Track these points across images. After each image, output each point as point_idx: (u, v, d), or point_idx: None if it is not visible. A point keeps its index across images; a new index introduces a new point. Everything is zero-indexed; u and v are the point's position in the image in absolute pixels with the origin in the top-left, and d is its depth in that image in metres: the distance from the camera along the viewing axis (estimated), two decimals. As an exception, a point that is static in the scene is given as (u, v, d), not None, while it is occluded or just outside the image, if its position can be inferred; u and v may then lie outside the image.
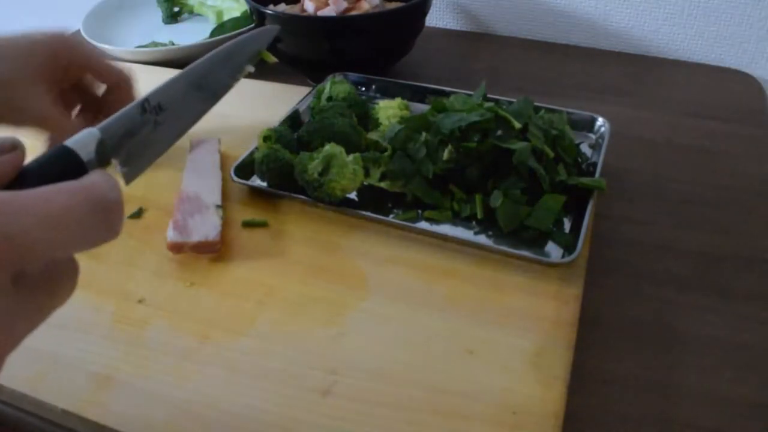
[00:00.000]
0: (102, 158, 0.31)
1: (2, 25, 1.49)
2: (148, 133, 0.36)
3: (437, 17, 0.94)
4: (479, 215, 0.51)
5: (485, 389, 0.40)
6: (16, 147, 0.27)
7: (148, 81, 0.75)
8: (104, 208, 0.25)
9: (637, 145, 0.65)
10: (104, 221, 0.25)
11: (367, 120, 0.62)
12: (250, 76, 0.81)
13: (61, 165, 0.29)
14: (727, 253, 0.52)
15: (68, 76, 0.53)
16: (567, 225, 0.52)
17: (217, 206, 0.53)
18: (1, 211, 0.22)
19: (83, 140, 0.30)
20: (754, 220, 0.55)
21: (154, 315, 0.46)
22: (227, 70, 0.44)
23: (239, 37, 0.46)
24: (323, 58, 0.71)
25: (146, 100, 0.36)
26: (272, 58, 0.50)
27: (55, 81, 0.52)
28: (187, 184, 0.55)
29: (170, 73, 0.76)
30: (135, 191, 0.58)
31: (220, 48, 0.44)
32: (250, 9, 0.72)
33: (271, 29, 0.50)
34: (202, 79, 0.42)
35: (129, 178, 0.35)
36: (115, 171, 0.32)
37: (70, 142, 0.29)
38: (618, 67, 0.81)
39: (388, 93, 0.69)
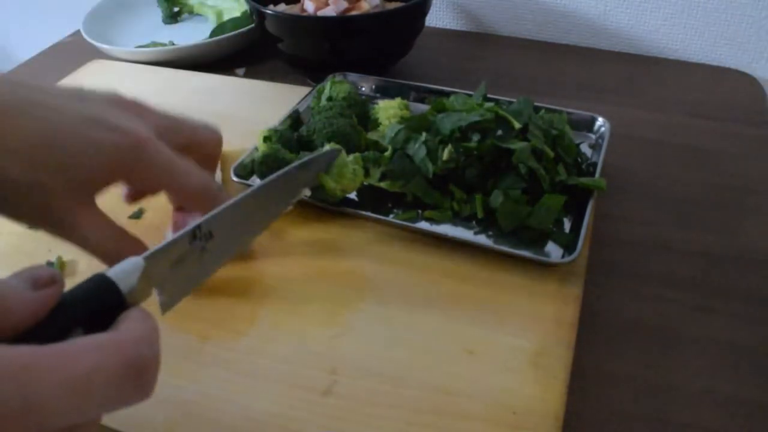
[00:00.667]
0: (144, 289, 0.29)
1: (2, 25, 1.49)
2: (194, 261, 0.33)
3: (437, 17, 0.94)
4: (479, 215, 0.51)
5: (485, 389, 0.40)
6: (54, 281, 0.25)
7: (148, 81, 0.76)
8: (137, 366, 0.22)
9: (637, 145, 0.65)
10: (136, 382, 0.22)
11: (367, 120, 0.62)
12: (249, 76, 0.82)
13: (100, 296, 0.27)
14: (727, 253, 0.52)
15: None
16: (567, 225, 0.52)
17: None
18: (21, 374, 0.19)
19: (126, 270, 0.28)
20: (754, 220, 0.55)
21: (154, 315, 0.46)
22: (285, 196, 0.42)
23: (302, 160, 0.44)
24: (323, 58, 0.71)
25: (198, 226, 0.33)
26: (330, 184, 0.48)
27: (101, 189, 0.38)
28: None
29: (170, 73, 0.76)
30: (135, 191, 0.58)
31: (282, 171, 0.40)
32: (250, 9, 0.72)
33: (333, 152, 0.47)
34: (259, 206, 0.39)
35: (166, 308, 0.32)
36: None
37: (111, 272, 0.27)
38: (618, 67, 0.81)
39: (388, 93, 0.69)
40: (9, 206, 0.35)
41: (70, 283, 0.27)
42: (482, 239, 0.51)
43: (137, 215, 0.55)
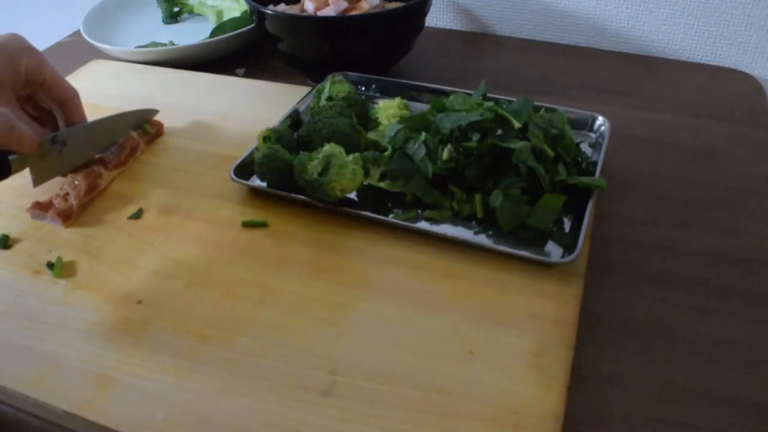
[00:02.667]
0: (21, 164, 0.51)
1: (2, 25, 1.49)
2: (53, 158, 0.54)
3: (437, 17, 0.94)
4: (479, 215, 0.51)
5: (485, 389, 0.40)
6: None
7: (148, 81, 0.76)
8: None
9: (637, 145, 0.65)
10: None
11: (367, 120, 0.62)
12: (249, 76, 0.82)
13: None
14: (727, 253, 0.52)
15: (25, 86, 0.54)
16: (567, 225, 0.52)
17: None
18: None
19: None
20: (754, 220, 0.55)
21: (154, 315, 0.46)
22: (111, 135, 0.61)
23: (128, 111, 0.63)
24: (323, 58, 0.71)
25: (56, 135, 0.53)
26: (151, 130, 0.64)
27: (15, 88, 0.53)
28: None
29: (170, 73, 0.77)
30: (135, 192, 0.58)
31: (107, 117, 0.60)
32: (250, 9, 0.72)
33: (152, 111, 0.66)
34: (98, 131, 0.59)
35: (36, 184, 0.54)
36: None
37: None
38: (618, 67, 0.81)
39: (388, 93, 0.69)
40: None
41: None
42: (482, 239, 0.50)
43: (137, 215, 0.55)
